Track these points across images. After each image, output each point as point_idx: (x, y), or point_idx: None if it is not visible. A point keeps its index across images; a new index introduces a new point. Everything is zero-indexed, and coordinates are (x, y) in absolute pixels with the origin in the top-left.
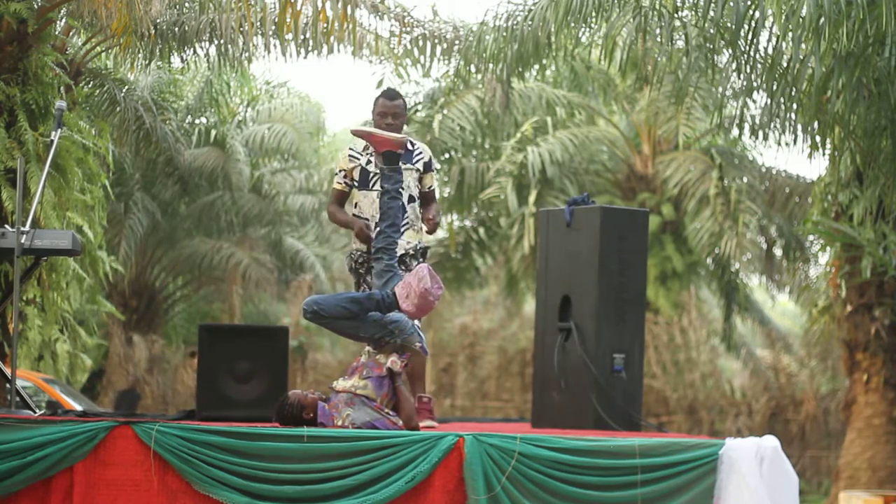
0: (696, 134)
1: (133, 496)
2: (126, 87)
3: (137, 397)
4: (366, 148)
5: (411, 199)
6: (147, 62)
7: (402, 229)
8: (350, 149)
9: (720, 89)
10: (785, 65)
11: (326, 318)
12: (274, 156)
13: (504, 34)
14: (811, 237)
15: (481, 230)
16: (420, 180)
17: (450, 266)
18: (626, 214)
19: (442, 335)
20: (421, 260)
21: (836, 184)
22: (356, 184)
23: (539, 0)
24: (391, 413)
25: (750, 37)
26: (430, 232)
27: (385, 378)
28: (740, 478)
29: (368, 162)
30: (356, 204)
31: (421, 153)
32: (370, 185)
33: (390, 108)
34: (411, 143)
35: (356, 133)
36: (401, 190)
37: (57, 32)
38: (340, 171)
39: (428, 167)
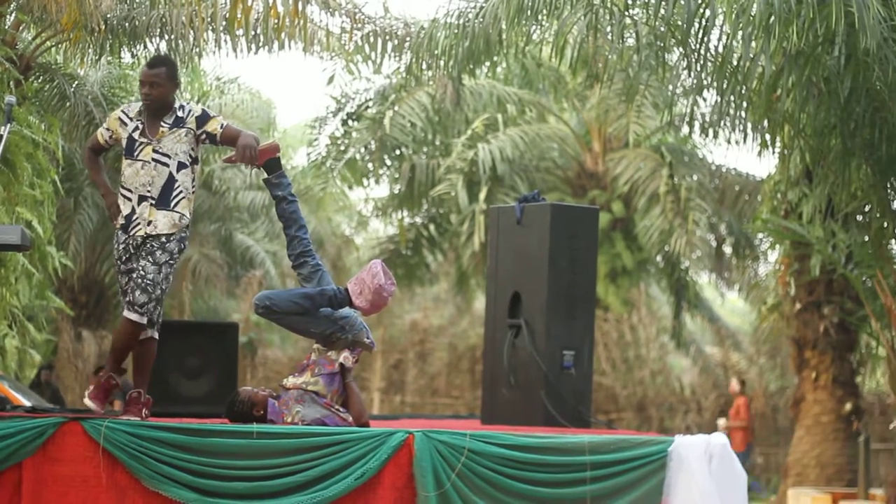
0: (647, 132)
1: (82, 492)
2: (76, 81)
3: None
4: (139, 114)
5: (181, 165)
6: (97, 57)
7: (174, 202)
8: (122, 111)
9: (670, 87)
10: (735, 63)
11: (278, 313)
12: (224, 151)
13: (455, 31)
14: (761, 235)
15: (432, 227)
16: (199, 138)
17: (400, 263)
18: (577, 212)
19: (392, 332)
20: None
21: (786, 182)
22: (122, 151)
23: None
24: (341, 409)
25: (700, 35)
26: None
27: (336, 374)
28: (689, 475)
29: (136, 129)
30: (122, 172)
31: (190, 111)
32: (135, 154)
33: (148, 77)
34: (181, 107)
35: (228, 161)
36: (293, 193)
37: (6, 27)
38: (107, 129)
39: (204, 118)
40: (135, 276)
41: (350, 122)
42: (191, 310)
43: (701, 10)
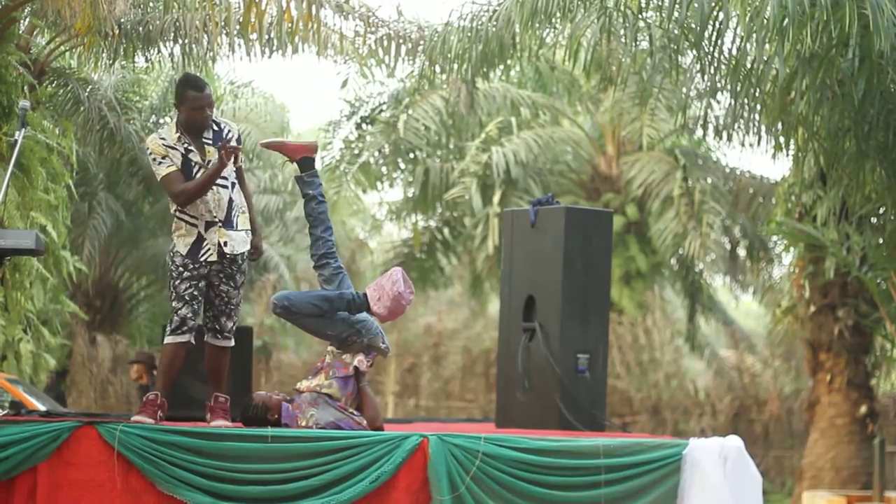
0: (660, 135)
1: (97, 497)
2: (90, 86)
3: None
4: (179, 139)
5: (233, 185)
6: (111, 61)
7: (235, 219)
8: (161, 139)
9: (684, 90)
10: (749, 66)
11: (296, 314)
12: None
13: (469, 34)
14: (775, 238)
15: (446, 230)
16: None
17: (414, 266)
18: (591, 215)
19: (406, 335)
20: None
21: (800, 184)
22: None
23: (503, 0)
24: (355, 413)
25: (714, 38)
26: (259, 243)
27: (350, 378)
28: (704, 478)
29: (188, 152)
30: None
31: (230, 131)
32: (193, 177)
33: (207, 101)
34: (217, 123)
35: (267, 146)
36: (323, 193)
37: (20, 32)
38: (164, 157)
39: (239, 143)
40: (217, 302)
41: (364, 125)
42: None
43: (714, 13)
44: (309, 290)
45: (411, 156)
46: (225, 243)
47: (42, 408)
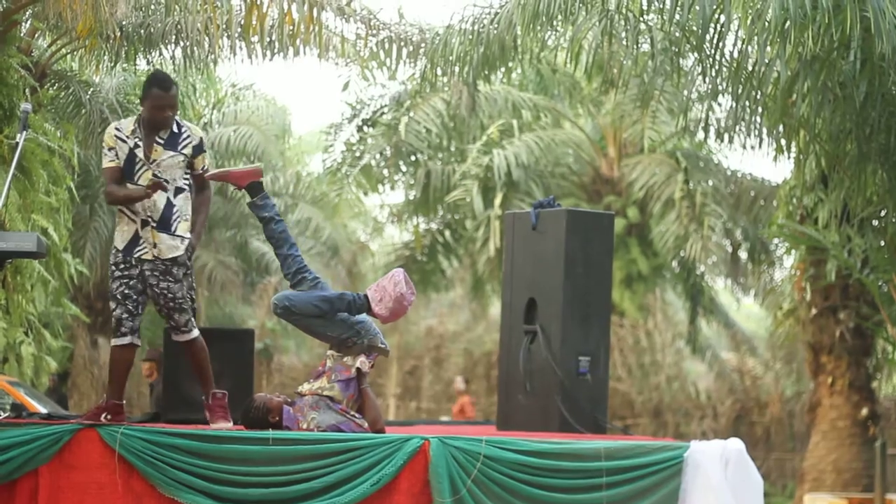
0: (662, 137)
1: (98, 499)
2: (91, 89)
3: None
4: (133, 132)
5: (179, 190)
6: (112, 64)
7: (173, 224)
8: (115, 128)
9: (685, 93)
10: (750, 68)
11: (297, 314)
12: (240, 158)
13: (470, 37)
14: (776, 240)
15: (447, 233)
16: (191, 165)
17: (415, 268)
18: (592, 217)
19: (408, 338)
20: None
21: (802, 187)
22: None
23: (505, 3)
24: (357, 415)
25: (715, 40)
26: (195, 241)
27: (352, 380)
28: (705, 480)
29: (135, 147)
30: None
31: (189, 137)
32: (135, 177)
33: (169, 101)
34: (178, 124)
35: (211, 177)
36: (278, 212)
37: (22, 34)
38: (110, 149)
39: (198, 150)
40: (162, 301)
41: (365, 128)
42: (206, 316)
43: (716, 16)
44: (309, 292)
45: (413, 158)
46: (154, 245)
47: (43, 410)
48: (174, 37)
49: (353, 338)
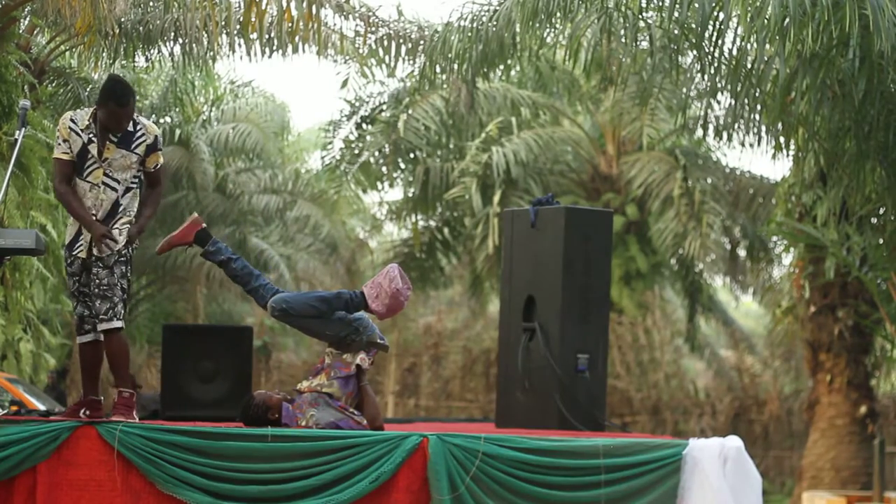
0: (661, 135)
1: (97, 496)
2: (90, 85)
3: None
4: (88, 127)
5: (128, 189)
6: (111, 61)
7: (115, 223)
8: (71, 120)
9: (684, 90)
10: (749, 66)
11: (294, 316)
12: (238, 155)
13: (469, 34)
14: (775, 238)
15: (446, 230)
16: (143, 163)
17: (414, 266)
18: (591, 215)
19: (406, 335)
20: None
21: (800, 185)
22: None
23: (504, 0)
24: (355, 413)
25: (714, 38)
26: (135, 232)
27: (351, 377)
28: (704, 478)
29: (89, 142)
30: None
31: (143, 136)
32: (84, 174)
33: (125, 115)
34: (134, 122)
35: (161, 250)
36: (231, 250)
37: (21, 31)
38: (64, 140)
39: (152, 148)
40: (91, 287)
41: (364, 125)
42: (205, 314)
43: (715, 13)
44: (306, 292)
45: (411, 156)
46: (91, 243)
47: (42, 407)
48: (173, 34)
49: (352, 335)
